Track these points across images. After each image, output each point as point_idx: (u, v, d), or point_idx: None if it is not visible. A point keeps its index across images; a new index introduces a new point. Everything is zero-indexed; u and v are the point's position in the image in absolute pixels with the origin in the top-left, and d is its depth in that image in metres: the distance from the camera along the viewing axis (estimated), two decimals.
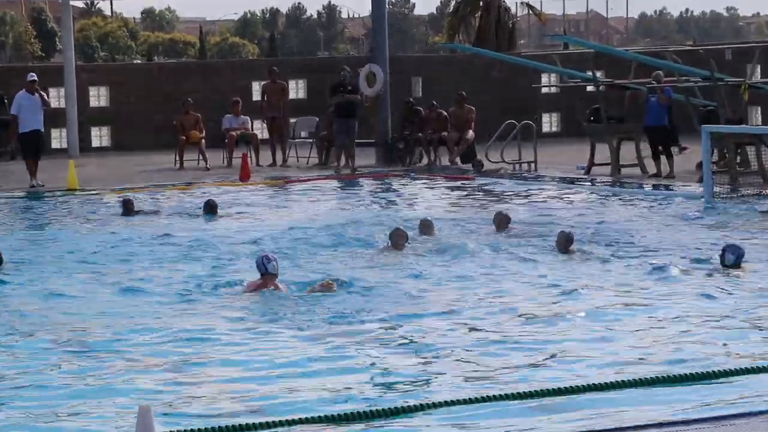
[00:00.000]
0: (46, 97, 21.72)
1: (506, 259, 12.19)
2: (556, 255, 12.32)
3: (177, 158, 24.38)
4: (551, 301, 10.04)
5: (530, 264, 11.92)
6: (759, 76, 25.67)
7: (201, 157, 24.25)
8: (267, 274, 10.44)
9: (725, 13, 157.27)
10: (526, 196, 18.53)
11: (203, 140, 24.38)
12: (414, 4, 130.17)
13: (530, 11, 53.89)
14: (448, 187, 20.44)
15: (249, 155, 23.34)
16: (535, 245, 13.01)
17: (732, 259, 11.23)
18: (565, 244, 12.31)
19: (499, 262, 12.07)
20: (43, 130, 21.57)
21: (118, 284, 11.16)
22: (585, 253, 12.25)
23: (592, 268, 11.59)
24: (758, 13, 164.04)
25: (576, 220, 15.14)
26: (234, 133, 24.87)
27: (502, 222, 14.02)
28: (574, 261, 12.03)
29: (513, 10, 51.25)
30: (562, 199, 18.20)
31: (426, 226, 13.67)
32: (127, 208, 16.61)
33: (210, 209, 16.43)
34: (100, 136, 29.53)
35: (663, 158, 20.39)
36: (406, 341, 8.65)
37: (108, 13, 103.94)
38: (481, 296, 10.32)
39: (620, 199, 17.90)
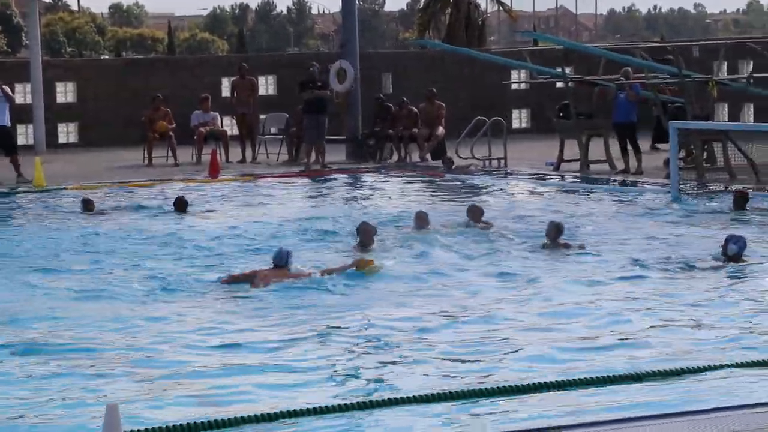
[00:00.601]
0: (10, 92, 21.63)
1: (479, 253, 12.20)
2: (530, 249, 12.37)
3: (146, 155, 24.27)
4: (520, 296, 10.06)
5: (503, 257, 11.95)
6: (725, 73, 25.81)
7: (170, 154, 24.15)
8: (278, 267, 10.70)
9: (693, 11, 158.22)
10: (497, 192, 18.57)
11: (173, 135, 24.28)
12: (384, 1, 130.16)
13: (500, 8, 53.98)
14: (418, 183, 20.45)
15: (218, 151, 23.26)
16: (508, 239, 13.05)
17: (735, 249, 11.13)
18: (555, 233, 12.31)
19: (471, 255, 12.08)
20: (9, 125, 21.49)
21: (82, 283, 11.08)
22: (566, 248, 12.26)
23: (563, 263, 11.62)
24: (725, 11, 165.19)
25: (545, 216, 15.16)
26: (203, 130, 24.79)
27: (475, 214, 14.05)
28: (546, 255, 12.06)
29: (483, 6, 51.37)
30: (531, 194, 18.26)
31: (420, 219, 13.68)
32: (88, 207, 16.51)
33: (180, 206, 16.35)
34: (67, 133, 29.36)
35: (631, 154, 20.49)
36: (372, 337, 8.64)
37: (75, 8, 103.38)
38: (450, 291, 10.33)
39: (589, 194, 17.97)
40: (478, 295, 10.20)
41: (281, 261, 10.82)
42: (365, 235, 12.40)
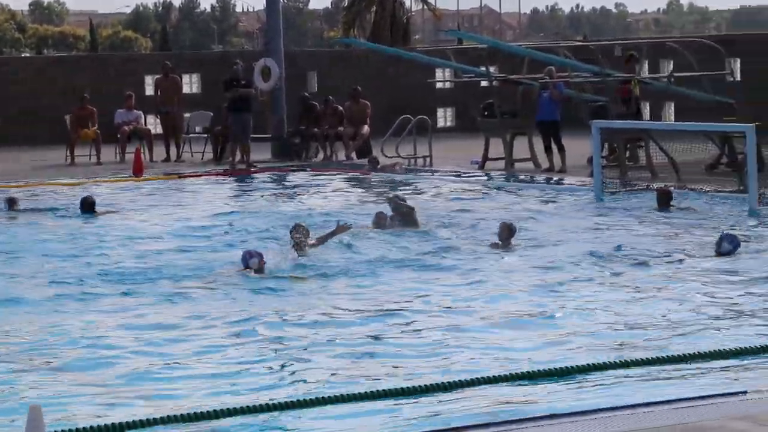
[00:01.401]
0: None
1: (407, 253, 12.22)
2: (455, 248, 12.43)
3: (68, 153, 24.00)
4: (449, 293, 10.13)
5: (430, 256, 12.00)
6: (647, 72, 26.15)
7: (93, 153, 23.91)
8: (247, 269, 10.85)
9: (614, 10, 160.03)
10: (423, 191, 18.63)
11: (98, 133, 24.08)
12: None
13: (425, 6, 54.16)
14: (344, 182, 20.46)
15: (142, 150, 23.07)
16: (433, 238, 13.11)
17: (728, 248, 11.28)
18: (507, 234, 12.37)
19: (398, 255, 12.09)
20: None
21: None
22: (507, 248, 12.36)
23: (489, 261, 11.71)
24: (646, 10, 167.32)
25: (470, 215, 15.27)
26: (127, 128, 24.58)
27: (399, 213, 14.10)
28: (468, 251, 12.14)
29: (407, 5, 51.53)
30: (456, 193, 18.33)
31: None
32: (11, 206, 16.27)
33: (87, 207, 16.06)
34: None
35: (555, 152, 20.67)
36: (299, 337, 8.64)
37: None
38: (380, 291, 10.36)
39: (514, 193, 18.10)
40: (408, 293, 10.26)
41: (245, 264, 10.94)
42: (296, 235, 12.24)
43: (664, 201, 15.26)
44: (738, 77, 26.09)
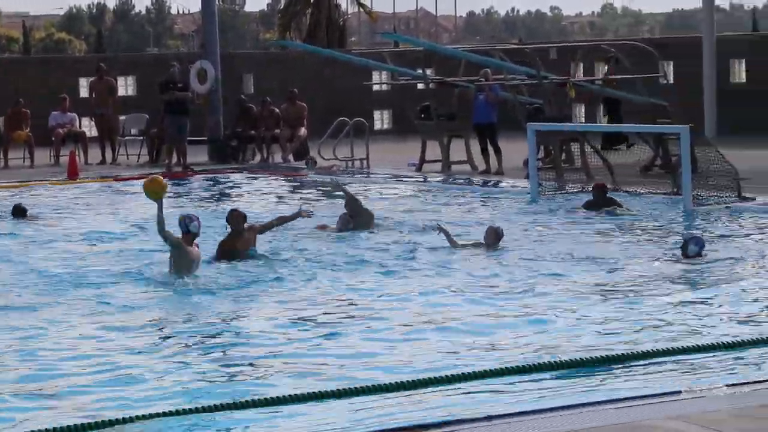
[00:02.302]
0: None
1: (347, 257, 12.22)
2: (391, 251, 12.45)
3: (1, 157, 23.72)
4: (384, 295, 10.15)
5: (370, 258, 12.03)
6: (582, 75, 26.38)
7: (27, 155, 23.66)
8: (188, 233, 10.85)
9: (549, 13, 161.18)
10: (360, 193, 18.62)
11: (31, 136, 23.85)
12: (245, 1, 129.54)
13: (361, 9, 54.18)
14: (281, 185, 20.42)
15: (77, 153, 22.87)
16: (376, 242, 13.13)
17: (695, 250, 11.41)
18: (495, 238, 12.42)
19: (339, 259, 12.08)
20: None
21: None
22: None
23: (430, 264, 11.75)
24: (581, 13, 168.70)
25: (409, 216, 15.31)
26: (61, 131, 24.35)
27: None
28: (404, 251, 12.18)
29: (344, 7, 51.50)
30: (394, 195, 18.37)
31: (344, 221, 13.77)
32: None
33: (18, 212, 15.85)
34: None
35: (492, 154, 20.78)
36: (229, 342, 8.63)
37: None
38: (313, 294, 10.36)
39: (451, 195, 18.16)
40: (346, 295, 10.27)
41: (184, 228, 11.02)
42: (235, 221, 12.18)
43: (600, 195, 15.40)
44: (671, 80, 26.40)
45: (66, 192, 19.34)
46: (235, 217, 12.16)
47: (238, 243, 11.92)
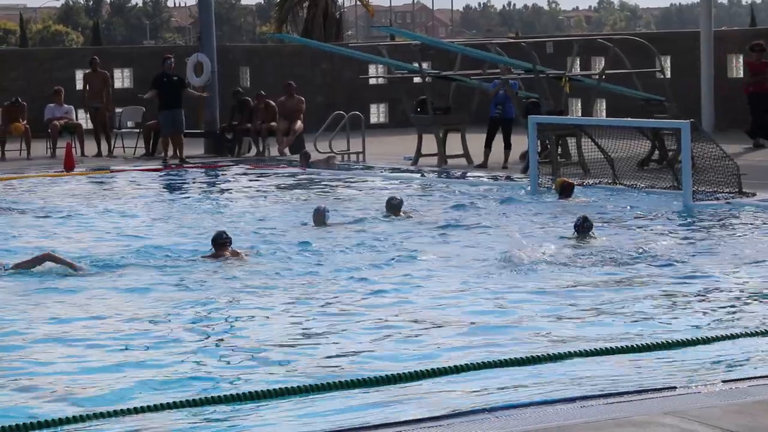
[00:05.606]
0: None
1: (341, 251, 12.21)
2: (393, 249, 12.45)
3: None
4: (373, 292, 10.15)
5: (365, 253, 12.02)
6: (578, 69, 26.35)
7: (23, 147, 23.67)
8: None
9: (546, 7, 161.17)
10: (357, 187, 18.64)
11: (28, 128, 23.86)
12: None
13: (357, 2, 54.12)
14: (277, 178, 20.39)
15: (73, 145, 22.87)
16: (370, 235, 13.12)
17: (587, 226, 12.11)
18: (393, 210, 12.51)
19: (333, 254, 12.06)
20: None
21: None
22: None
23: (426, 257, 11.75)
24: (577, 8, 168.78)
25: (407, 209, 15.29)
26: (57, 123, 24.33)
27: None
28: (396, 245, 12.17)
29: (340, 1, 51.42)
30: (390, 188, 18.34)
31: (318, 215, 13.69)
32: None
33: None
34: None
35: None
36: (222, 335, 8.63)
37: None
38: (303, 290, 10.35)
39: (447, 188, 18.13)
40: (337, 291, 10.27)
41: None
42: (219, 248, 11.99)
43: (567, 191, 15.53)
44: (668, 74, 26.39)
45: (62, 183, 19.30)
46: (220, 245, 11.79)
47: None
